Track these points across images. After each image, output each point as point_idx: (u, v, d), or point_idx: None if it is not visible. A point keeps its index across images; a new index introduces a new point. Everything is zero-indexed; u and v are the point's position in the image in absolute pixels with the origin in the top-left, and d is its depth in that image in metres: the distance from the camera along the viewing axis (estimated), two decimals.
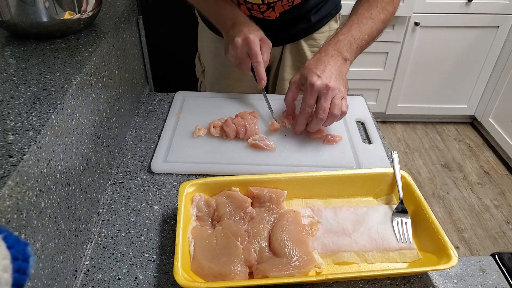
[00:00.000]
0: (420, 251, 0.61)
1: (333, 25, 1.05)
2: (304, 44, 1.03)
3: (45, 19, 0.68)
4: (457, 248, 1.79)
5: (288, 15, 0.95)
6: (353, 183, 0.70)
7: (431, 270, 0.58)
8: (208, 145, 0.82)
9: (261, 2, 0.90)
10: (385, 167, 0.74)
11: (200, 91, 1.15)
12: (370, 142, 0.86)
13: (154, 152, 0.81)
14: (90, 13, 0.75)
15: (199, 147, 0.81)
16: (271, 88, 1.12)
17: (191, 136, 0.84)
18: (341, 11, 1.07)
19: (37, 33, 0.71)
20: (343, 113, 0.78)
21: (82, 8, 0.72)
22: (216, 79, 1.10)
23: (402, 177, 0.69)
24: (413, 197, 0.66)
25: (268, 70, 1.09)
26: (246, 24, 0.86)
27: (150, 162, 0.78)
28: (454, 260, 0.55)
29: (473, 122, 2.57)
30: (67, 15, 0.70)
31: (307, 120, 0.80)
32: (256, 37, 0.83)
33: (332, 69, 0.77)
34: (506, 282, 0.59)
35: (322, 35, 1.03)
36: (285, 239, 0.60)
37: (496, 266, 0.62)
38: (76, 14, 0.71)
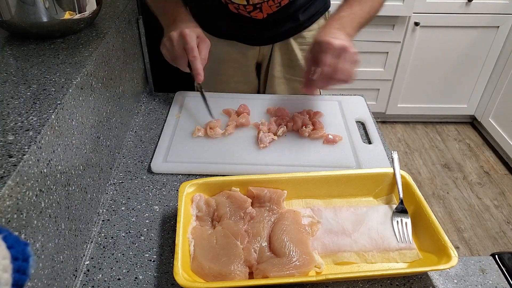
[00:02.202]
0: (420, 251, 0.61)
1: (322, 22, 1.05)
2: (293, 42, 1.04)
3: (45, 19, 0.68)
4: (457, 248, 1.79)
5: (275, 16, 0.95)
6: (353, 183, 0.70)
7: (431, 270, 0.58)
8: (207, 145, 0.82)
9: (246, 3, 0.90)
10: (385, 167, 0.74)
11: (196, 90, 1.16)
12: (370, 142, 0.86)
13: (154, 152, 0.81)
14: (90, 13, 0.75)
15: (199, 147, 0.81)
16: (262, 86, 1.13)
17: (191, 136, 0.84)
18: (330, 9, 1.07)
19: (37, 33, 0.71)
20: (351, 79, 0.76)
21: (82, 8, 0.72)
22: (209, 75, 1.10)
23: (402, 177, 0.69)
24: (413, 197, 0.66)
25: (258, 68, 1.10)
26: (185, 21, 0.84)
27: (150, 162, 0.78)
28: (454, 260, 0.55)
29: (473, 122, 2.57)
30: (67, 15, 0.70)
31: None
32: (192, 32, 0.81)
33: (342, 35, 0.76)
34: (506, 282, 0.59)
35: (311, 33, 1.04)
36: (285, 239, 0.60)
37: (496, 266, 0.62)
38: (76, 14, 0.71)
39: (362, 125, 0.92)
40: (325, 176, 0.69)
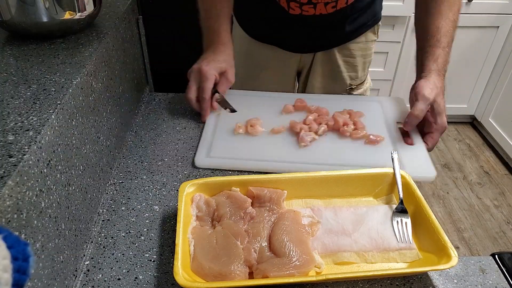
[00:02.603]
0: (420, 251, 0.61)
1: (370, 36, 1.02)
2: (337, 53, 1.00)
3: (45, 19, 0.68)
4: (457, 248, 1.79)
5: (323, 20, 0.91)
6: (353, 183, 0.70)
7: (431, 270, 0.58)
8: (249, 142, 0.82)
9: None
10: (387, 168, 0.73)
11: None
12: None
13: (197, 147, 0.82)
14: (90, 13, 0.74)
15: (240, 144, 0.82)
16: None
17: (232, 133, 0.84)
18: (380, 23, 1.03)
19: (37, 33, 0.71)
20: None
21: (82, 8, 0.72)
22: (245, 79, 1.06)
23: (402, 177, 0.69)
24: (413, 197, 0.66)
25: (298, 75, 1.07)
26: (217, 50, 0.84)
27: (194, 157, 0.79)
28: (454, 260, 0.55)
29: (473, 122, 2.57)
30: (67, 15, 0.70)
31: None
32: (212, 69, 0.82)
33: (444, 99, 0.82)
34: (506, 282, 0.59)
35: (357, 45, 1.01)
36: (285, 239, 0.60)
37: (496, 266, 0.62)
38: (76, 14, 0.71)
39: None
40: (325, 176, 0.69)
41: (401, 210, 0.66)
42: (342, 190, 0.70)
